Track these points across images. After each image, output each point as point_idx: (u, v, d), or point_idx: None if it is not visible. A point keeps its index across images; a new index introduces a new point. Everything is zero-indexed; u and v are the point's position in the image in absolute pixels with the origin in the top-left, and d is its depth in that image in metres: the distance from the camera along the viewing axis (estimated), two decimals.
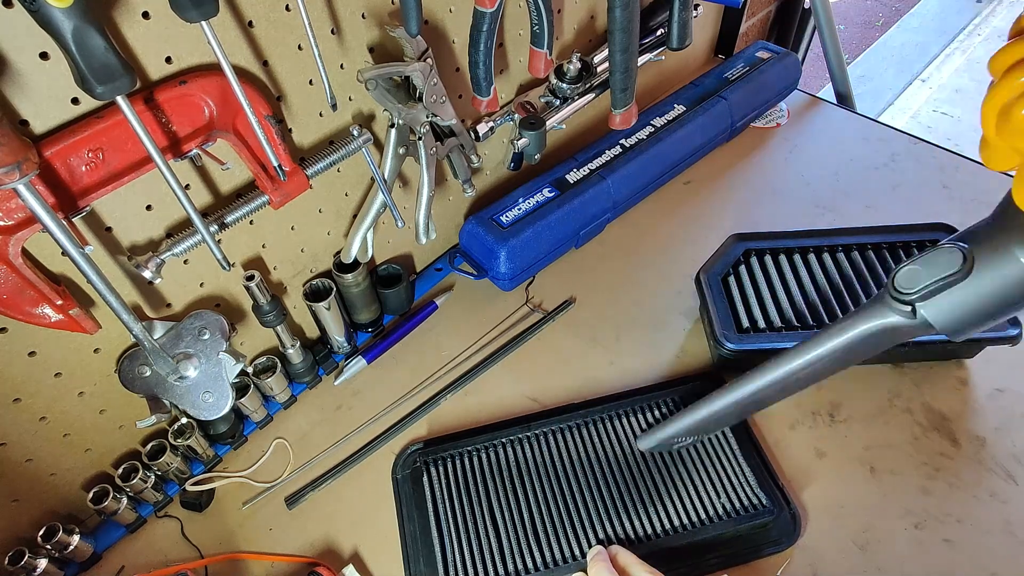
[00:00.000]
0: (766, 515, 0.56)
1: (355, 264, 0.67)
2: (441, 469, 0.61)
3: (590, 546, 0.55)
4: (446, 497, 0.59)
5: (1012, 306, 0.40)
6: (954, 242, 0.41)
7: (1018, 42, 0.33)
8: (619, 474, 0.60)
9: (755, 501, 0.57)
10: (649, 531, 0.56)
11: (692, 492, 0.58)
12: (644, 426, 0.63)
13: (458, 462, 0.61)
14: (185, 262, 0.56)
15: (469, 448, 0.62)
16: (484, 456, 0.62)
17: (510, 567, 0.55)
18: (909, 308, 0.42)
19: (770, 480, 0.59)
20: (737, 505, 0.57)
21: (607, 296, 0.77)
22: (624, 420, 0.64)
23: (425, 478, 0.61)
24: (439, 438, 0.64)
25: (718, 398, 0.53)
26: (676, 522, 0.56)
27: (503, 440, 0.63)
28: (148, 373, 0.55)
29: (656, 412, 0.64)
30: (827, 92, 1.14)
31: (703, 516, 0.57)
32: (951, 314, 0.41)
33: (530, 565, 0.55)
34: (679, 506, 0.57)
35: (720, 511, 0.57)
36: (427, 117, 0.60)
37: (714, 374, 0.68)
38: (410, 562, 0.56)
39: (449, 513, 0.58)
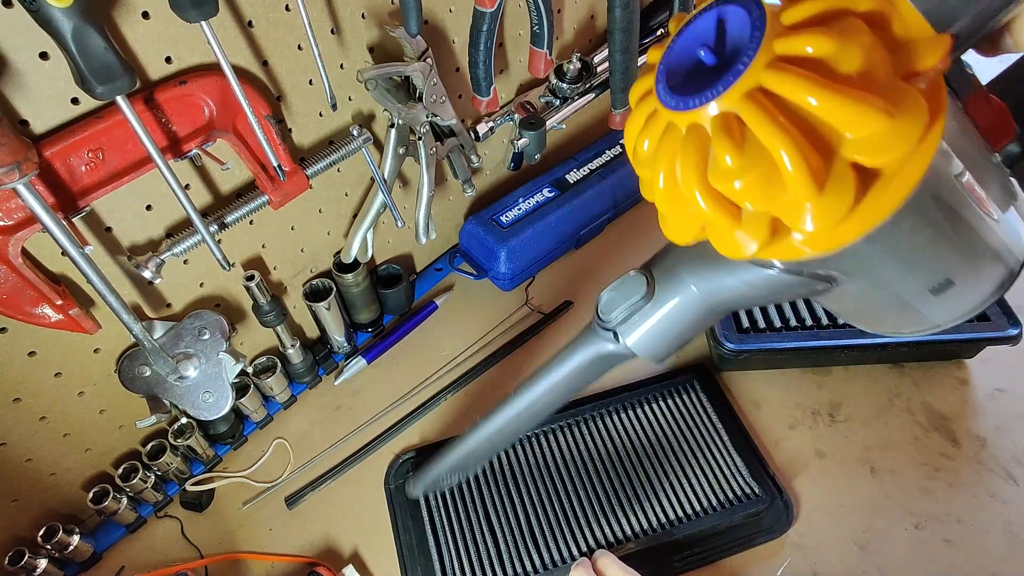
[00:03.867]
0: (759, 504, 0.57)
1: (355, 264, 0.67)
2: None
3: (588, 545, 0.55)
4: (440, 505, 0.59)
5: (692, 326, 0.40)
6: (640, 269, 0.42)
7: (641, 77, 0.33)
8: (613, 471, 0.60)
9: (748, 491, 0.58)
10: (645, 527, 0.56)
11: (686, 485, 0.59)
12: (637, 421, 0.63)
13: None
14: (185, 262, 0.56)
15: None
16: None
17: (508, 571, 0.55)
18: (612, 335, 0.42)
19: (762, 470, 0.59)
20: (731, 495, 0.58)
21: None
22: (615, 416, 0.64)
23: None
24: (431, 445, 0.64)
25: (468, 438, 0.52)
26: (672, 516, 0.57)
27: None
28: (148, 373, 0.55)
29: (648, 406, 0.64)
30: None
31: (697, 508, 0.57)
32: (645, 338, 0.41)
33: (529, 568, 0.55)
34: (674, 500, 0.58)
35: (714, 502, 0.57)
36: (427, 117, 0.60)
37: (705, 366, 0.68)
38: (408, 573, 0.56)
39: (444, 521, 0.58)
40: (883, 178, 0.27)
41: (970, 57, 0.33)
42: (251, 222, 0.58)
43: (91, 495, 0.56)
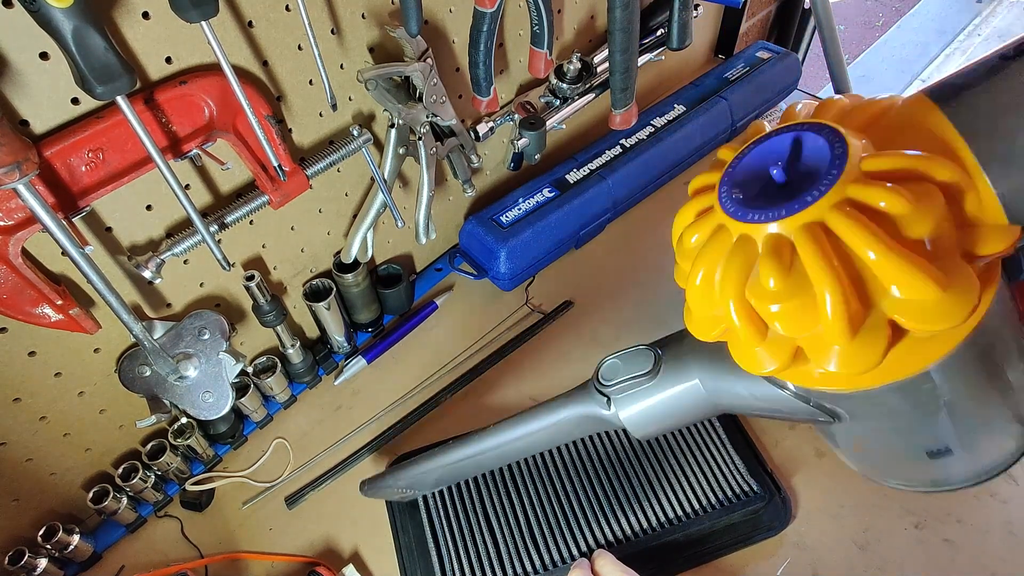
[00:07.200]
0: (757, 501, 0.57)
1: (355, 264, 0.67)
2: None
3: (587, 545, 0.55)
4: (439, 507, 0.59)
5: (686, 417, 0.40)
6: (652, 345, 0.42)
7: (707, 171, 0.33)
8: (612, 471, 0.60)
9: (746, 488, 0.58)
10: (645, 526, 0.56)
11: (685, 484, 0.58)
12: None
13: None
14: (185, 262, 0.56)
15: None
16: None
17: (507, 571, 0.55)
18: (606, 400, 0.42)
19: (759, 468, 0.59)
20: (729, 494, 0.57)
21: (607, 296, 0.77)
22: None
23: None
24: (430, 446, 0.64)
25: (433, 459, 0.51)
26: (671, 515, 0.57)
27: None
28: (148, 373, 0.55)
29: None
30: (827, 92, 1.14)
31: (696, 507, 0.57)
32: (637, 413, 0.41)
33: (528, 568, 0.55)
34: (673, 499, 0.58)
35: (712, 501, 0.57)
36: (427, 117, 0.60)
37: None
38: (407, 573, 0.56)
39: (443, 521, 0.58)
40: (913, 340, 0.27)
41: None
42: (251, 222, 0.58)
43: (91, 495, 0.56)
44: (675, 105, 0.88)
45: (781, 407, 0.35)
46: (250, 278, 0.58)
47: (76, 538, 0.55)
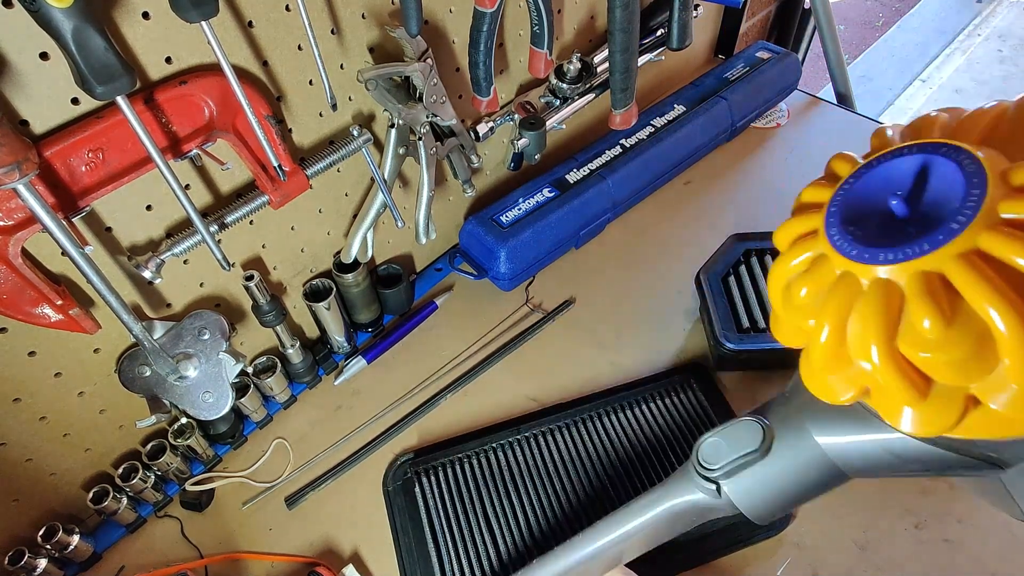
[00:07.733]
0: None
1: (355, 264, 0.67)
2: (432, 479, 0.61)
3: None
4: (439, 506, 0.59)
5: (812, 489, 0.36)
6: (755, 415, 0.37)
7: (797, 216, 0.31)
8: (612, 471, 0.60)
9: None
10: None
11: None
12: (635, 420, 0.63)
13: (449, 470, 0.61)
14: (185, 262, 0.56)
15: (460, 455, 0.62)
16: (476, 462, 0.62)
17: (508, 572, 0.55)
18: (714, 487, 0.37)
19: None
20: None
21: (607, 296, 0.77)
22: (615, 416, 0.64)
23: (417, 488, 0.60)
24: (429, 447, 0.64)
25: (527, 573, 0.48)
26: None
27: (494, 444, 0.62)
28: (148, 373, 0.55)
29: (646, 405, 0.64)
30: (827, 92, 1.14)
31: None
32: (754, 495, 0.37)
33: None
34: None
35: None
36: (427, 117, 0.60)
37: (702, 365, 0.68)
38: (407, 573, 0.56)
39: (444, 523, 0.58)
40: None
41: None
42: (251, 222, 0.58)
43: (91, 495, 0.56)
44: (675, 105, 0.88)
45: (927, 461, 0.31)
46: (250, 278, 0.58)
47: (76, 538, 0.55)
